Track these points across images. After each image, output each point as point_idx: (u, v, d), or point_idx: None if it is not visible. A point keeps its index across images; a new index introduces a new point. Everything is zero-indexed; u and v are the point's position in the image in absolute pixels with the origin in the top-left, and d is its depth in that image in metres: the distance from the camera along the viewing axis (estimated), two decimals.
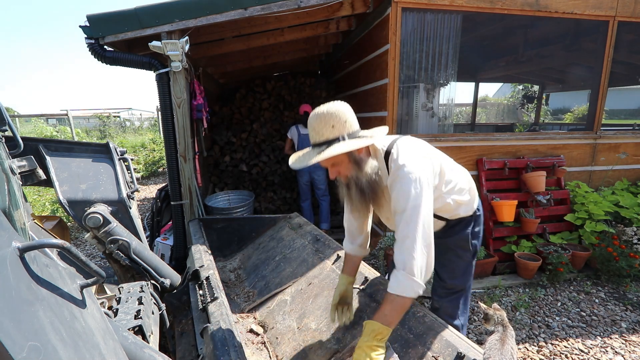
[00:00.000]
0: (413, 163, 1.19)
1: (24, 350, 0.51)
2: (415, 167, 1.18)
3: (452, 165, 1.46)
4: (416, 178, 1.15)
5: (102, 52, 2.45)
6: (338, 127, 1.20)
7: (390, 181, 1.24)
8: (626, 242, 3.06)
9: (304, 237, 2.29)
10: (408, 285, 1.12)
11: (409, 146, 1.28)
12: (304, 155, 1.27)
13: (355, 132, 1.24)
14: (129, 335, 1.06)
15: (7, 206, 0.79)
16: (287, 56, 4.57)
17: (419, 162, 1.21)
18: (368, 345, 1.11)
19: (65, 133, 10.24)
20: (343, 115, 1.23)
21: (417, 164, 1.19)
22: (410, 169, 1.17)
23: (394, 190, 1.20)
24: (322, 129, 1.20)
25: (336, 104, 1.25)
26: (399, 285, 1.14)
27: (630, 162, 3.71)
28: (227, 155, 4.60)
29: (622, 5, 3.24)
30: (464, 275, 1.58)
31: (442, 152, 1.46)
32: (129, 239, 1.80)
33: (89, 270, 0.79)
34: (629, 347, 2.24)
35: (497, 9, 3.00)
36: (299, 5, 2.67)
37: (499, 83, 18.17)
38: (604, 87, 3.49)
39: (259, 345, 1.64)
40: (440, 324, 1.26)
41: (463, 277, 1.58)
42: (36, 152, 1.90)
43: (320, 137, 1.21)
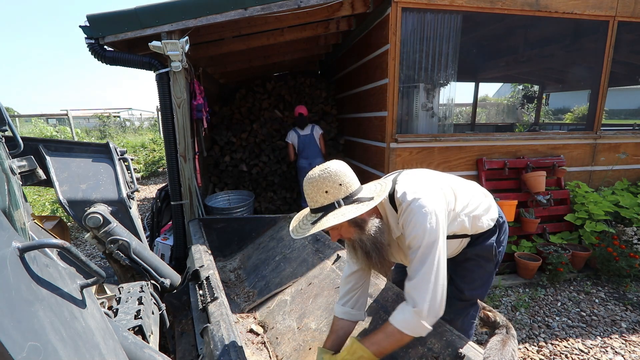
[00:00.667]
0: (423, 195, 1.12)
1: (24, 350, 0.51)
2: (427, 199, 1.12)
3: (461, 183, 1.39)
4: (430, 211, 1.09)
5: (102, 52, 2.45)
6: (332, 192, 1.11)
7: (402, 220, 1.16)
8: (626, 242, 3.06)
9: (304, 237, 2.29)
10: (413, 324, 1.07)
11: (413, 179, 1.23)
12: (302, 226, 1.19)
13: (354, 194, 1.13)
14: (129, 335, 1.06)
15: (7, 206, 0.79)
16: (287, 56, 4.57)
17: (429, 193, 1.14)
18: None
19: (65, 133, 10.24)
20: (337, 178, 1.12)
21: (427, 196, 1.13)
22: (422, 203, 1.11)
23: (407, 227, 1.13)
24: (316, 195, 1.12)
25: (330, 166, 1.15)
26: (404, 321, 1.08)
27: (630, 162, 3.71)
28: (227, 155, 4.60)
29: (622, 5, 3.24)
30: (483, 286, 1.46)
31: (446, 173, 1.41)
32: (129, 239, 1.80)
33: (89, 270, 0.79)
34: (629, 347, 2.24)
35: (497, 9, 3.00)
36: (299, 5, 2.67)
37: (499, 83, 18.17)
38: (604, 87, 3.49)
39: (259, 345, 1.64)
40: (440, 324, 1.26)
41: (482, 289, 1.46)
42: (36, 152, 1.90)
43: (315, 204, 1.14)
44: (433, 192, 1.16)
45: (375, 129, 3.37)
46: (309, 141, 4.08)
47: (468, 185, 1.42)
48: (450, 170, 3.27)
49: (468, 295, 1.44)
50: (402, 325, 1.08)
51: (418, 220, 1.09)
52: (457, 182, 1.38)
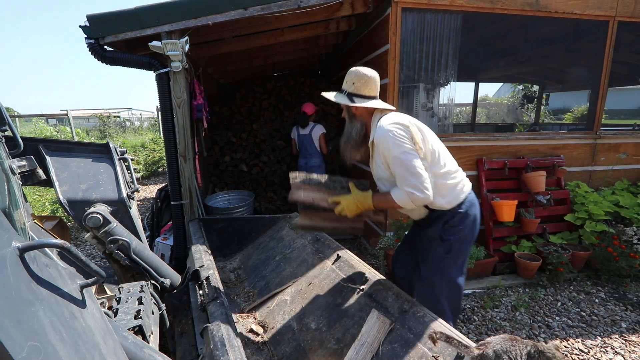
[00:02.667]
0: (390, 124, 1.52)
1: (24, 350, 0.51)
2: (392, 126, 1.51)
3: (445, 150, 1.67)
4: (393, 135, 1.49)
5: (102, 52, 2.45)
6: (349, 84, 1.67)
7: (375, 142, 1.57)
8: (626, 242, 3.06)
9: (304, 237, 2.29)
10: (399, 193, 1.52)
11: (396, 115, 1.61)
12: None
13: (360, 94, 1.65)
14: (129, 335, 1.06)
15: (7, 206, 0.79)
16: (287, 56, 4.57)
17: (396, 123, 1.52)
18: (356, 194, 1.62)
19: (65, 133, 10.24)
20: (357, 79, 1.65)
21: (393, 125, 1.52)
22: (388, 128, 1.51)
23: (381, 147, 1.54)
24: (345, 80, 1.70)
25: (365, 70, 1.69)
26: (395, 192, 1.54)
27: (630, 162, 3.71)
28: (227, 155, 4.60)
29: (622, 5, 3.24)
30: (436, 269, 1.64)
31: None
32: (129, 239, 1.80)
33: (89, 270, 0.79)
34: (629, 347, 2.24)
35: (497, 9, 3.00)
36: (299, 5, 2.67)
37: (499, 83, 18.18)
38: (604, 87, 3.49)
39: (259, 345, 1.64)
40: (440, 324, 1.26)
41: (435, 272, 1.64)
42: (36, 152, 1.90)
43: (343, 85, 1.72)
44: (401, 123, 1.53)
45: None
46: (307, 142, 4.08)
47: (450, 157, 1.67)
48: None
49: (424, 274, 1.67)
50: (394, 194, 1.55)
51: (387, 142, 1.51)
52: (442, 147, 1.66)
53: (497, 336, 1.11)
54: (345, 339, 1.43)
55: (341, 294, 1.66)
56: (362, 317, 1.50)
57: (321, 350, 1.45)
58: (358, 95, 1.67)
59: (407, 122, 1.55)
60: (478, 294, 2.85)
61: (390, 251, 2.86)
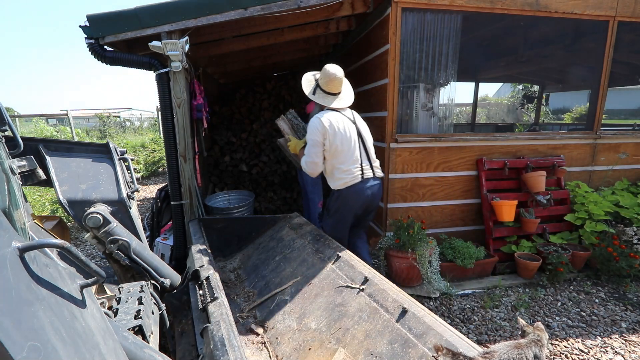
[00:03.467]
0: (317, 118, 2.23)
1: (24, 350, 0.51)
2: (316, 119, 2.22)
3: (350, 155, 2.28)
4: (312, 124, 2.23)
5: (102, 52, 2.45)
6: (319, 77, 2.37)
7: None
8: (626, 242, 3.06)
9: (304, 237, 2.29)
10: (302, 158, 2.35)
11: (329, 114, 2.25)
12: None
13: (323, 89, 2.33)
14: (129, 335, 1.06)
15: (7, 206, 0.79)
16: (287, 56, 4.57)
17: (319, 119, 2.21)
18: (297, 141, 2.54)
19: (65, 133, 10.24)
20: (323, 75, 2.31)
21: (317, 119, 2.22)
22: (313, 119, 2.24)
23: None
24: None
25: (332, 68, 2.30)
26: (302, 158, 2.36)
27: (630, 162, 3.71)
28: (227, 155, 4.60)
29: (622, 5, 3.24)
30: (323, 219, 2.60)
31: (349, 140, 2.29)
32: (129, 239, 1.80)
33: (89, 270, 0.79)
34: (629, 347, 2.24)
35: (497, 9, 3.00)
36: (298, 5, 2.67)
37: (499, 83, 18.18)
38: (604, 87, 3.49)
39: (259, 345, 1.64)
40: (440, 324, 1.26)
41: (323, 220, 2.59)
42: (36, 152, 1.90)
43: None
44: (321, 123, 2.20)
45: (375, 129, 3.37)
46: None
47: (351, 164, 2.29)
48: (450, 171, 3.28)
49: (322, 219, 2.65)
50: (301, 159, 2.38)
51: (309, 127, 2.26)
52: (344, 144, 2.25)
53: (501, 344, 1.09)
54: (345, 339, 1.43)
55: (341, 294, 1.66)
56: (362, 317, 1.50)
57: (321, 350, 1.45)
58: (322, 90, 2.31)
59: (328, 124, 2.20)
60: (478, 294, 2.85)
61: (390, 251, 2.86)
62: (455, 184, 3.33)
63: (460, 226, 3.40)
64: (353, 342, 1.41)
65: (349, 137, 2.27)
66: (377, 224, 3.46)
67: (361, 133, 2.39)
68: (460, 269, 2.94)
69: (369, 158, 2.41)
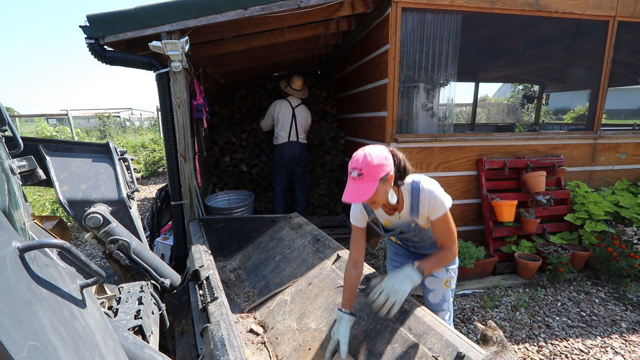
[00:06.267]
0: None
1: (24, 350, 0.51)
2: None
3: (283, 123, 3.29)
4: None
5: (102, 52, 2.45)
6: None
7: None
8: (626, 242, 3.06)
9: (304, 237, 2.29)
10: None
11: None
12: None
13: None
14: (129, 335, 1.06)
15: (7, 206, 0.79)
16: (287, 56, 4.57)
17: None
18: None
19: (65, 133, 10.23)
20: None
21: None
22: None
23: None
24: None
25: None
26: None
27: (630, 162, 3.71)
28: (227, 155, 4.60)
29: (622, 5, 3.24)
30: None
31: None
32: (129, 239, 1.80)
33: (89, 270, 0.79)
34: (629, 347, 2.24)
35: (497, 9, 3.00)
36: (299, 5, 2.67)
37: (499, 83, 18.17)
38: (604, 87, 3.49)
39: (259, 345, 1.64)
40: (440, 324, 1.26)
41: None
42: (36, 152, 1.90)
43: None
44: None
45: (375, 129, 3.38)
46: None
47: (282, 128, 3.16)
48: (450, 171, 3.28)
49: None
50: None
51: None
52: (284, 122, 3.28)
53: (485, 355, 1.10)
54: None
55: (341, 294, 1.66)
56: (362, 317, 1.50)
57: (321, 350, 1.45)
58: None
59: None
60: (478, 294, 2.85)
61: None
62: (455, 184, 3.33)
63: (460, 226, 3.40)
64: (353, 342, 1.41)
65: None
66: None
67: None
68: (460, 268, 2.92)
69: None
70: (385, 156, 1.33)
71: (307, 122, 4.13)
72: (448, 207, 1.42)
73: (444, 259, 1.46)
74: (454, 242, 1.47)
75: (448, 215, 1.43)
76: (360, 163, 1.28)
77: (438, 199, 1.41)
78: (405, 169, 1.45)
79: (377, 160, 1.28)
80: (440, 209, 1.41)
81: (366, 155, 1.29)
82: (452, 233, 1.45)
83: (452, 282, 1.65)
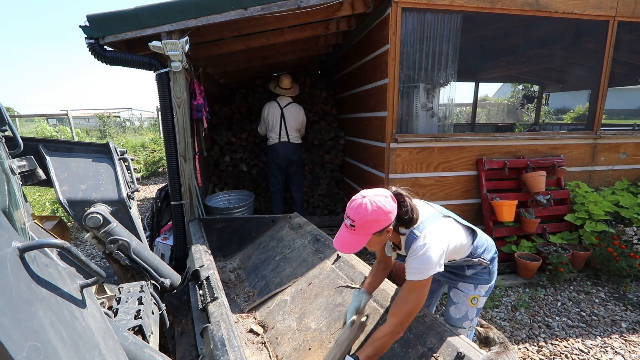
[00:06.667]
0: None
1: (24, 350, 0.51)
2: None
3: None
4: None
5: (102, 52, 2.45)
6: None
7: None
8: (626, 242, 3.06)
9: (304, 237, 2.29)
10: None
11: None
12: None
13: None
14: (129, 335, 1.06)
15: (7, 206, 0.79)
16: (287, 56, 4.57)
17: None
18: None
19: (65, 133, 10.23)
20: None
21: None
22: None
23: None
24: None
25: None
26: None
27: (630, 162, 3.71)
28: (227, 155, 4.60)
29: (622, 5, 3.24)
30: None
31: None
32: (129, 239, 1.80)
33: (89, 270, 0.79)
34: (629, 347, 2.24)
35: (497, 9, 3.00)
36: (299, 5, 2.67)
37: (499, 83, 18.17)
38: (604, 87, 3.49)
39: (259, 345, 1.65)
40: (440, 324, 1.26)
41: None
42: (36, 152, 1.90)
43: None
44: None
45: (375, 129, 3.37)
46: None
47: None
48: (450, 171, 3.28)
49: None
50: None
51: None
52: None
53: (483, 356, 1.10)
54: None
55: (341, 294, 1.66)
56: None
57: (321, 350, 1.45)
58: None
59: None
60: None
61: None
62: (455, 184, 3.33)
63: None
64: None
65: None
66: None
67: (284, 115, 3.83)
68: None
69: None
70: (385, 209, 1.16)
71: (299, 120, 4.05)
72: (423, 278, 1.17)
73: (381, 345, 1.19)
74: (401, 322, 1.18)
75: (420, 284, 1.18)
76: (354, 213, 1.15)
77: (421, 267, 1.17)
78: (411, 221, 1.24)
79: (372, 216, 1.13)
80: (415, 275, 1.18)
81: (363, 206, 1.14)
82: (409, 304, 1.18)
83: (480, 300, 1.51)
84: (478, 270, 1.50)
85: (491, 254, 1.49)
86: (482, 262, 1.45)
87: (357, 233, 1.16)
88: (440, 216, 1.33)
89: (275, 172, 4.18)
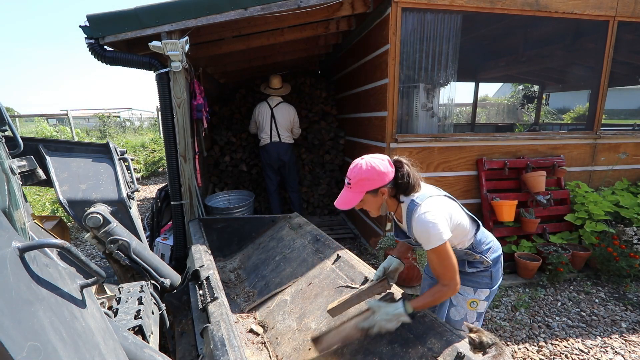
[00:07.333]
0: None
1: (24, 350, 0.51)
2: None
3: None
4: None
5: (102, 52, 2.45)
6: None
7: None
8: (626, 242, 3.06)
9: (304, 237, 2.29)
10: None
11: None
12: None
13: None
14: (129, 335, 1.06)
15: (7, 206, 0.79)
16: (287, 56, 4.57)
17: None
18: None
19: (65, 133, 10.23)
20: None
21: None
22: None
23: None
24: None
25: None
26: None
27: (630, 162, 3.71)
28: (227, 155, 4.60)
29: (622, 5, 3.24)
30: None
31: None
32: (129, 239, 1.80)
33: (89, 270, 0.79)
34: (629, 347, 2.24)
35: (497, 9, 3.00)
36: (299, 5, 2.67)
37: (499, 83, 18.18)
38: (604, 87, 3.49)
39: (259, 345, 1.65)
40: (440, 324, 1.26)
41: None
42: (36, 152, 1.90)
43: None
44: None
45: (375, 129, 3.38)
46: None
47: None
48: (450, 171, 3.28)
49: None
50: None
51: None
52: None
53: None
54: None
55: (341, 294, 1.66)
56: None
57: None
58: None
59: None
60: None
61: (390, 251, 2.86)
62: (455, 184, 3.33)
63: None
64: (353, 342, 1.40)
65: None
66: (377, 224, 3.46)
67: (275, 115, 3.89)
68: None
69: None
70: (378, 170, 1.26)
71: (290, 119, 4.06)
72: (440, 242, 1.22)
73: (438, 296, 1.28)
74: (451, 278, 1.26)
75: (441, 249, 1.23)
76: (351, 172, 1.30)
77: (429, 231, 1.22)
78: (407, 186, 1.30)
79: (366, 174, 1.26)
80: (430, 241, 1.23)
81: (359, 166, 1.28)
82: (446, 268, 1.25)
83: (479, 304, 1.52)
84: (479, 270, 1.50)
85: (495, 254, 1.51)
86: (484, 261, 1.46)
87: (352, 190, 1.29)
88: (442, 195, 1.39)
89: (269, 173, 4.23)
